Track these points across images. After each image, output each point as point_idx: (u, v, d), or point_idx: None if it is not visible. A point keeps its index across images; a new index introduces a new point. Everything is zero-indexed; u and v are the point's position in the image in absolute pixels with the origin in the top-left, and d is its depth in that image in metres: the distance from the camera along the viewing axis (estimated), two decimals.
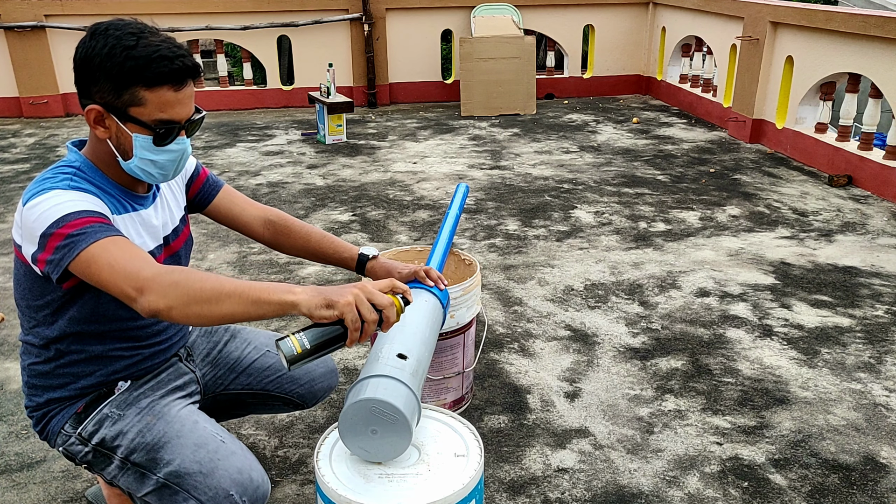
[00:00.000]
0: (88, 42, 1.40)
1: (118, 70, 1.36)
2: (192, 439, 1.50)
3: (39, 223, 1.34)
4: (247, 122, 6.75)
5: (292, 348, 1.29)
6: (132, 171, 1.47)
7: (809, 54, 5.17)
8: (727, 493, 2.05)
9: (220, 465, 1.46)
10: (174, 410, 1.56)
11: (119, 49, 1.37)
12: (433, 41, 7.45)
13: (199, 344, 1.84)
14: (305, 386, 1.88)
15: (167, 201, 1.66)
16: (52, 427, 1.60)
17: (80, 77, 1.42)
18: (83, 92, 1.43)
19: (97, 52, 1.38)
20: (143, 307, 1.28)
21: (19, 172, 5.19)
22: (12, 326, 3.00)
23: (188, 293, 1.28)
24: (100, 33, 1.40)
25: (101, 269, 1.31)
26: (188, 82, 1.43)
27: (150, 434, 1.51)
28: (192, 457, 1.47)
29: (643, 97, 7.75)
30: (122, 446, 1.52)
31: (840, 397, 2.50)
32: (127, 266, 1.31)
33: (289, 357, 1.29)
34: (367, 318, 1.29)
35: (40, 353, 1.56)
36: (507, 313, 3.11)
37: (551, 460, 2.20)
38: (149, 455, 1.49)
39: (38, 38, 6.68)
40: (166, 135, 1.43)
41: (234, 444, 1.53)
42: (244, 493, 1.46)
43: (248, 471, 1.48)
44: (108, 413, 1.56)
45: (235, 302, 1.27)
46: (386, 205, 4.47)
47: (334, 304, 1.27)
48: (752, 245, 3.82)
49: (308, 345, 1.30)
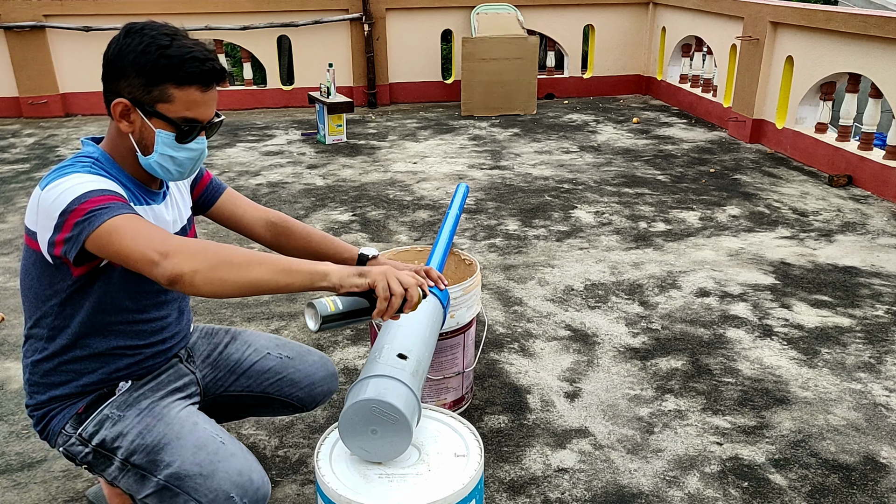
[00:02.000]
0: (123, 40, 1.44)
1: (152, 66, 1.41)
2: (192, 441, 1.50)
3: (60, 201, 1.36)
4: (247, 122, 6.75)
5: (326, 306, 1.34)
6: (150, 166, 1.50)
7: (809, 54, 5.17)
8: (727, 493, 2.05)
9: (221, 466, 1.46)
10: (174, 412, 1.57)
11: (154, 47, 1.42)
12: (433, 41, 7.45)
13: (200, 345, 1.84)
14: (305, 389, 1.88)
15: (176, 200, 1.68)
16: (52, 427, 1.60)
17: (109, 72, 1.46)
18: (111, 87, 1.47)
19: (132, 48, 1.42)
20: (166, 270, 1.28)
21: (19, 172, 5.19)
22: (12, 326, 3.00)
23: (216, 256, 1.30)
24: (135, 32, 1.44)
25: (124, 238, 1.32)
26: (214, 85, 1.49)
27: (150, 436, 1.51)
28: (192, 459, 1.47)
29: (643, 97, 7.75)
30: (123, 448, 1.52)
31: (840, 397, 2.50)
32: (153, 234, 1.33)
33: (323, 314, 1.33)
34: (396, 290, 1.35)
35: (45, 348, 1.56)
36: (507, 313, 3.11)
37: (551, 460, 2.20)
38: (149, 457, 1.50)
39: (37, 38, 6.68)
40: (189, 132, 1.48)
41: (234, 446, 1.53)
42: (244, 494, 1.46)
43: (248, 472, 1.48)
44: (108, 414, 1.56)
45: (265, 269, 1.31)
46: (386, 205, 4.47)
47: (366, 273, 1.35)
48: (752, 245, 3.82)
49: (341, 306, 1.35)
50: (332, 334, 2.93)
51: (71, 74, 6.85)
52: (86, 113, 7.00)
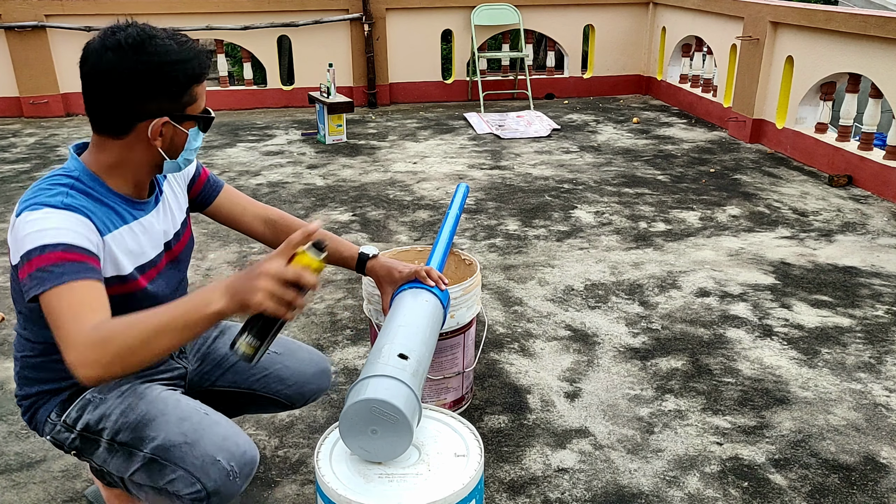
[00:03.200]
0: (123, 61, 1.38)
1: (174, 78, 1.42)
2: (176, 414, 1.50)
3: (24, 243, 1.35)
4: (247, 122, 6.75)
5: (244, 353, 1.34)
6: (175, 166, 1.54)
7: (809, 54, 5.17)
8: (727, 493, 2.05)
9: (205, 433, 1.47)
10: (156, 391, 1.57)
11: (170, 59, 1.40)
12: (433, 41, 7.45)
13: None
14: (294, 387, 1.85)
15: (169, 205, 1.66)
16: (39, 416, 1.61)
17: (124, 96, 1.41)
18: (131, 109, 1.42)
19: (146, 67, 1.39)
20: (83, 381, 1.29)
21: (19, 172, 5.19)
22: (12, 326, 3.00)
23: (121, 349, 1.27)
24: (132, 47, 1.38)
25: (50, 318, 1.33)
26: None
27: (134, 413, 1.51)
28: (177, 429, 1.47)
29: (643, 97, 7.75)
30: (107, 428, 1.52)
31: (840, 397, 2.50)
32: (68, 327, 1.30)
33: (245, 359, 1.34)
34: (286, 297, 1.26)
35: (34, 348, 1.57)
36: (507, 313, 3.11)
37: (551, 460, 2.20)
38: (134, 433, 1.50)
39: (38, 37, 6.68)
40: (210, 120, 1.53)
41: (218, 416, 1.54)
42: (231, 458, 1.46)
43: (233, 437, 1.49)
44: (90, 398, 1.57)
45: (168, 336, 1.28)
46: (386, 205, 4.47)
47: (247, 304, 1.26)
48: (752, 245, 3.82)
49: (254, 342, 1.33)
50: (331, 334, 2.93)
51: (72, 74, 6.84)
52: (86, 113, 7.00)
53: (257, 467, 1.53)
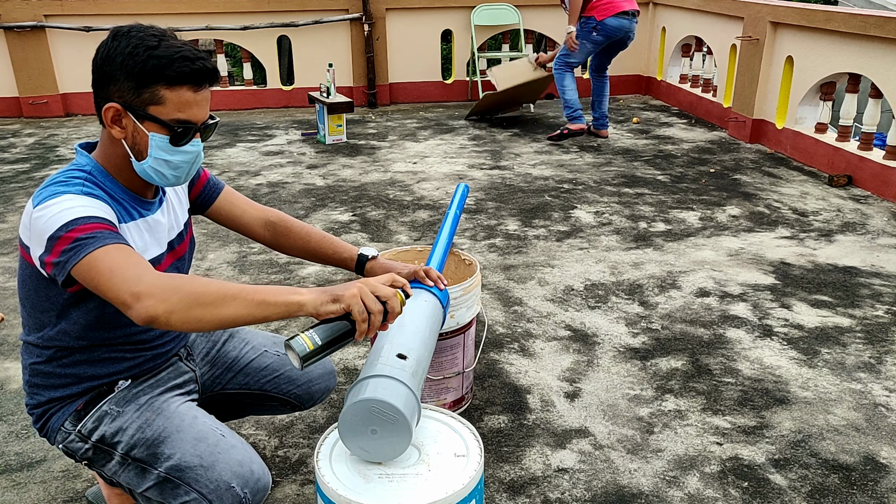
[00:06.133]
0: (110, 43, 1.42)
1: (140, 68, 1.39)
2: (192, 433, 1.50)
3: (49, 226, 1.35)
4: (247, 122, 6.75)
5: (304, 346, 1.31)
6: (145, 172, 1.48)
7: (809, 54, 5.17)
8: (727, 494, 2.05)
9: (221, 458, 1.47)
10: (173, 406, 1.57)
11: (142, 48, 1.39)
12: (433, 41, 7.45)
13: (199, 343, 1.84)
14: (303, 387, 1.88)
15: (173, 205, 1.67)
16: (51, 424, 1.60)
17: (99, 76, 1.44)
18: (101, 92, 1.45)
19: (119, 51, 1.40)
20: (139, 313, 1.27)
21: (19, 172, 5.19)
22: (12, 326, 3.00)
23: (190, 296, 1.28)
24: (122, 35, 1.42)
25: (101, 274, 1.31)
26: (206, 85, 1.47)
27: (150, 429, 1.51)
28: (193, 450, 1.47)
29: (643, 97, 7.75)
30: (123, 442, 1.52)
31: (840, 397, 2.50)
32: (126, 272, 1.30)
33: (301, 355, 1.31)
34: (373, 308, 1.34)
35: (42, 354, 1.57)
36: (507, 313, 3.11)
37: (551, 460, 2.20)
38: (149, 450, 1.50)
39: (37, 38, 6.68)
40: (183, 134, 1.45)
41: (234, 439, 1.53)
42: (245, 485, 1.46)
43: (248, 463, 1.49)
44: (107, 410, 1.56)
45: (240, 304, 1.29)
46: (386, 205, 4.47)
47: (340, 297, 1.32)
48: (752, 245, 3.82)
49: (319, 341, 1.32)
50: None
51: (71, 74, 6.85)
52: (86, 113, 6.99)
53: (267, 500, 1.53)
